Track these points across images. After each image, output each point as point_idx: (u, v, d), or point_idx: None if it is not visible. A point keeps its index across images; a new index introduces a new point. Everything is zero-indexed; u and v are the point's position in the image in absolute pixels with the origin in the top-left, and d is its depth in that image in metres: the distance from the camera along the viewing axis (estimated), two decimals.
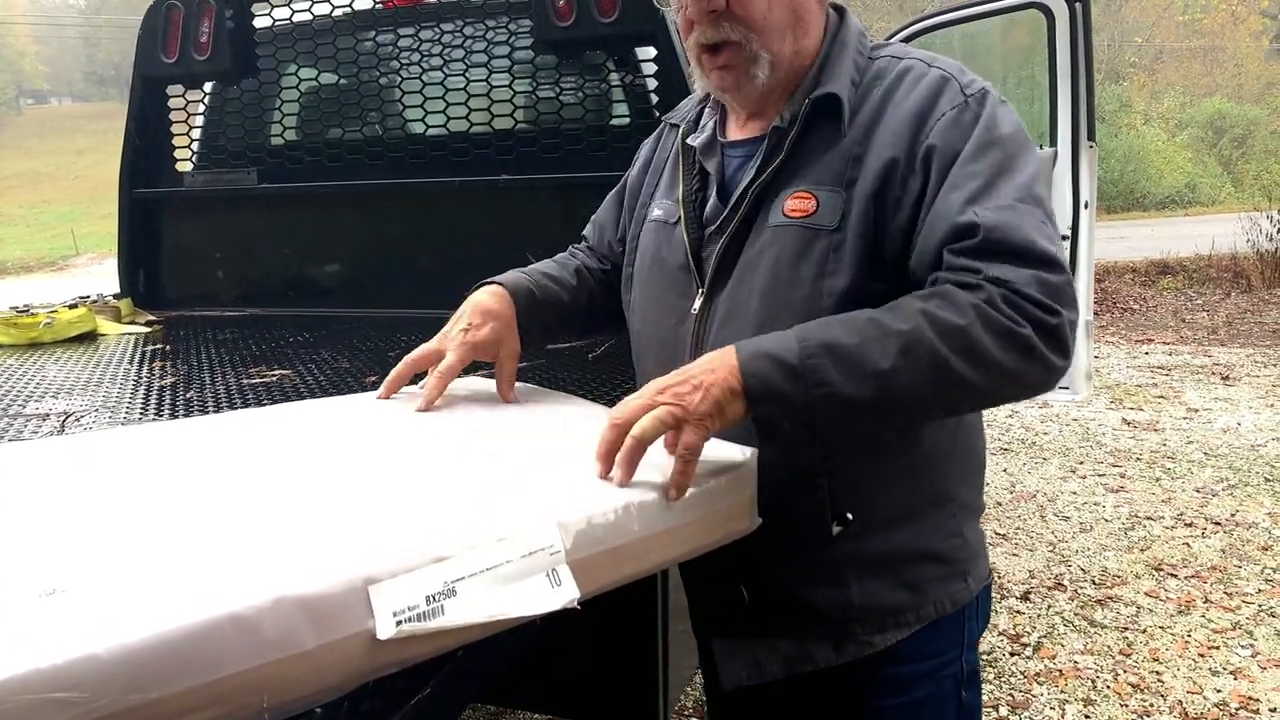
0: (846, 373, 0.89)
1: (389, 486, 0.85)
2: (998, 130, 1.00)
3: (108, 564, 0.64)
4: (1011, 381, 0.92)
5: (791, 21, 1.06)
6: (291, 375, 1.72)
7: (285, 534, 0.71)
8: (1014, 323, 0.89)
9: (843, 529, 1.05)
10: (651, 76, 2.27)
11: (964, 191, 0.96)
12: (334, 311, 2.56)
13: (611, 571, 0.80)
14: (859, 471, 1.05)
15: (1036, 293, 0.90)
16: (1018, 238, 0.92)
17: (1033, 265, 0.91)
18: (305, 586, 0.60)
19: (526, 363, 1.75)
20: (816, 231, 1.02)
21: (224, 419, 1.17)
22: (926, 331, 0.89)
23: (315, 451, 0.99)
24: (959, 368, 0.89)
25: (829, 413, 0.90)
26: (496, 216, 2.47)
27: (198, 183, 2.70)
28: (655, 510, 0.84)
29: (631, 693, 1.60)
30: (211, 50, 2.55)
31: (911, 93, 1.03)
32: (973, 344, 0.89)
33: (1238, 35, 26.14)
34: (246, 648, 0.57)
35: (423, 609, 0.64)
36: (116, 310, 2.50)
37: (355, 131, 2.60)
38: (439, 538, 0.69)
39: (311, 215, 2.65)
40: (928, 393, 0.91)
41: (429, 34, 2.48)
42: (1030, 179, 0.98)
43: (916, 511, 1.08)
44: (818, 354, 0.90)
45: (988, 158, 0.97)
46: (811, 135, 1.06)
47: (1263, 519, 3.83)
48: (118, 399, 1.57)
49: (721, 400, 0.89)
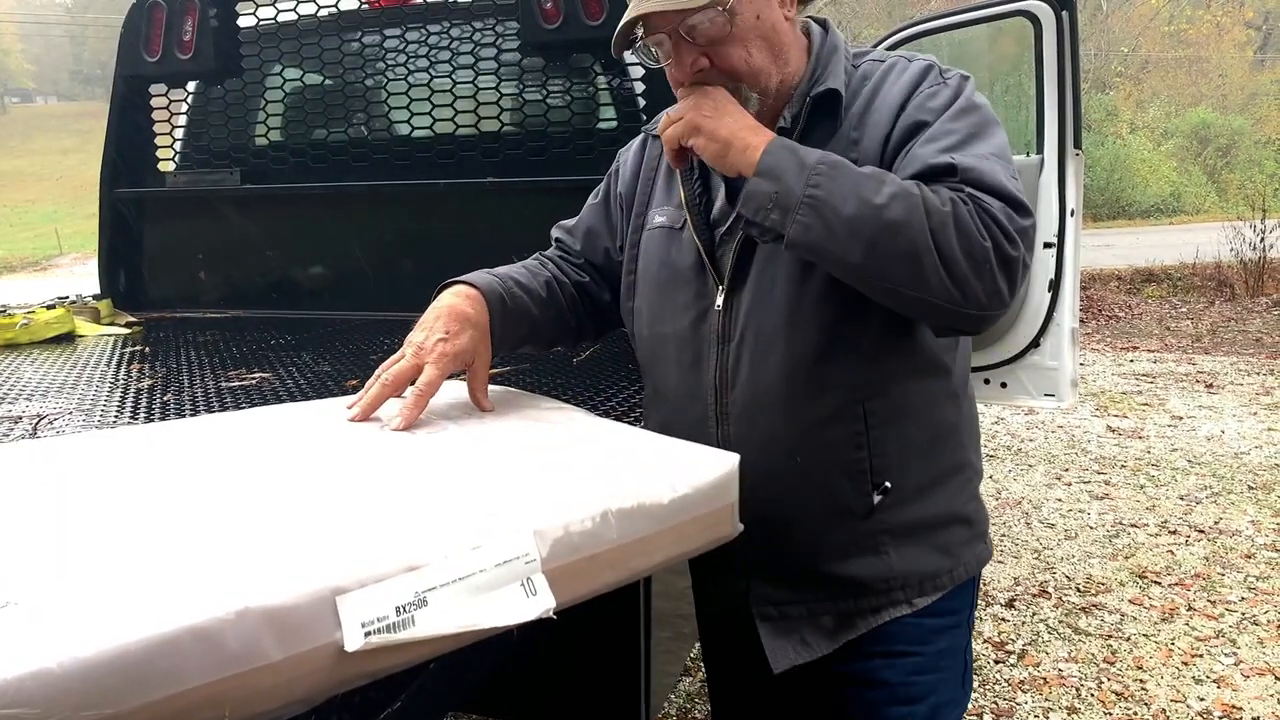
0: (840, 188, 0.98)
1: (360, 493, 0.83)
2: (973, 101, 1.09)
3: (63, 575, 0.62)
4: (955, 285, 0.96)
5: (772, 58, 1.12)
6: (271, 378, 1.70)
7: (251, 542, 0.69)
8: (979, 232, 0.96)
9: (883, 498, 1.12)
10: (638, 80, 2.26)
11: (941, 143, 1.03)
12: (317, 314, 2.54)
13: (589, 580, 0.79)
14: (892, 443, 1.12)
15: (1005, 220, 0.97)
16: (991, 179, 0.99)
17: (1005, 201, 0.98)
18: (270, 597, 0.58)
19: (510, 367, 1.74)
20: None
21: (191, 424, 1.14)
22: (915, 196, 0.97)
23: (285, 457, 0.96)
24: (923, 238, 0.95)
25: (807, 212, 0.98)
26: (482, 219, 2.45)
27: (180, 183, 2.67)
28: (635, 517, 0.82)
29: (614, 701, 1.58)
30: (195, 49, 2.52)
31: (899, 80, 1.11)
32: (945, 227, 0.95)
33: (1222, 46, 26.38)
34: (208, 661, 0.55)
35: (392, 620, 0.62)
36: (95, 311, 2.46)
37: (340, 133, 2.58)
38: (410, 546, 0.68)
39: (295, 217, 2.63)
40: (892, 246, 0.96)
41: (415, 35, 2.46)
42: (1001, 147, 1.05)
43: (942, 478, 1.17)
44: (829, 163, 1.00)
45: (965, 120, 1.06)
46: (814, 131, 1.11)
47: (1246, 526, 3.84)
48: (93, 402, 1.55)
49: (736, 146, 1.04)
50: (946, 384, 1.16)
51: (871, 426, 1.11)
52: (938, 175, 1.01)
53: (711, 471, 0.91)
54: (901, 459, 1.13)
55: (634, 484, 0.84)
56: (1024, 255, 0.98)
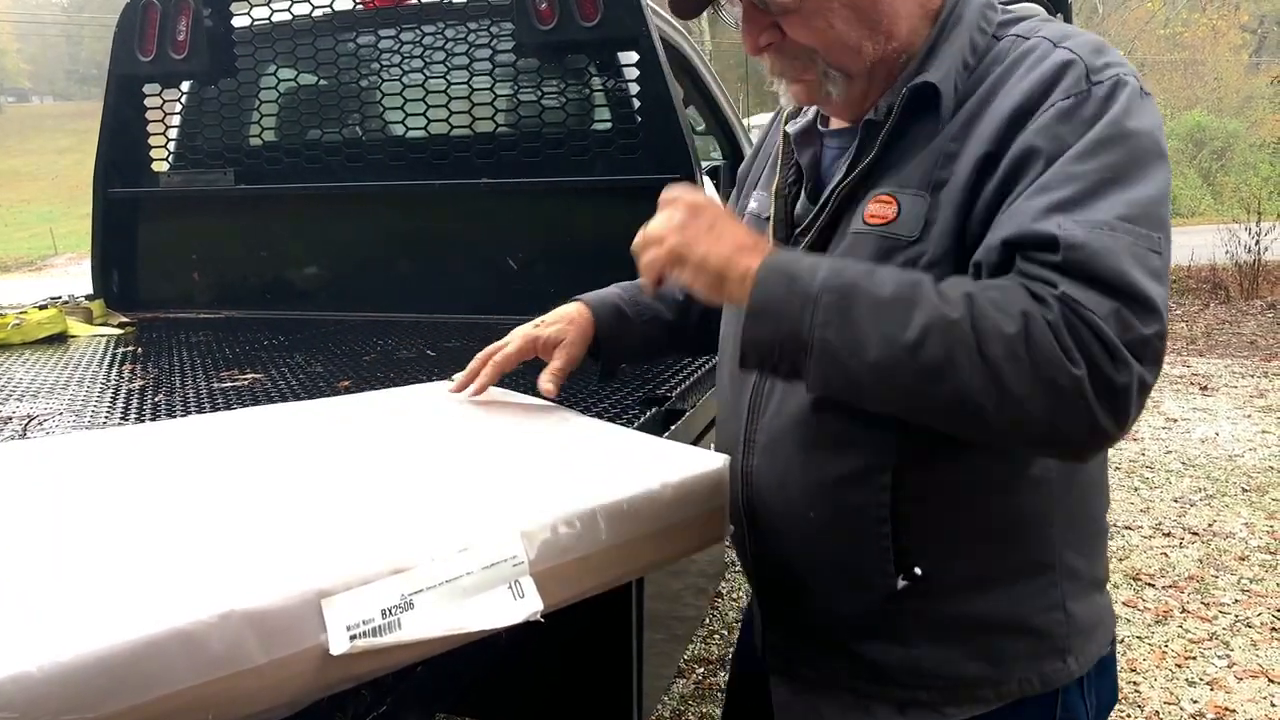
0: (857, 327, 0.78)
1: (346, 495, 0.82)
2: (1124, 126, 0.80)
3: (44, 577, 0.62)
4: (1033, 424, 0.75)
5: (865, 29, 0.91)
6: (263, 379, 1.69)
7: (236, 545, 0.68)
8: (1068, 356, 0.72)
9: (909, 584, 0.92)
10: (633, 81, 2.26)
11: (1055, 195, 0.78)
12: (311, 315, 2.53)
13: (578, 583, 0.78)
14: (933, 524, 0.91)
15: (1110, 331, 0.72)
16: (1106, 264, 0.74)
17: (1117, 298, 0.73)
18: (254, 600, 0.58)
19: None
20: (894, 242, 0.87)
21: (179, 424, 1.13)
22: (961, 323, 0.75)
23: (271, 459, 0.96)
24: (977, 379, 0.74)
25: (823, 361, 0.79)
26: (476, 220, 2.45)
27: (174, 183, 2.66)
28: (624, 519, 0.81)
29: (606, 703, 1.58)
30: (189, 49, 2.51)
31: (1026, 78, 0.85)
32: (1011, 358, 0.73)
33: (1218, 49, 26.46)
34: (190, 665, 0.54)
35: (378, 623, 0.62)
36: (88, 311, 2.46)
37: (334, 133, 2.57)
38: (396, 549, 0.67)
39: (289, 217, 2.62)
40: (936, 394, 0.77)
41: (410, 36, 2.46)
42: (1151, 196, 0.78)
43: (1004, 578, 0.93)
44: (838, 289, 0.79)
45: (1100, 158, 0.79)
46: (910, 130, 0.91)
47: (1240, 529, 3.85)
48: (84, 402, 1.54)
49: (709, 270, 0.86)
50: (1025, 466, 0.91)
51: (900, 501, 0.90)
52: (1036, 248, 0.77)
53: (700, 473, 0.90)
54: (942, 546, 0.92)
55: (623, 486, 0.83)
56: (1140, 376, 0.73)
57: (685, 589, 1.95)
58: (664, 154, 2.19)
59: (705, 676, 2.77)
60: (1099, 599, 0.99)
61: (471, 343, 2.06)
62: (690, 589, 2.09)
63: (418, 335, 2.17)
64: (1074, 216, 0.76)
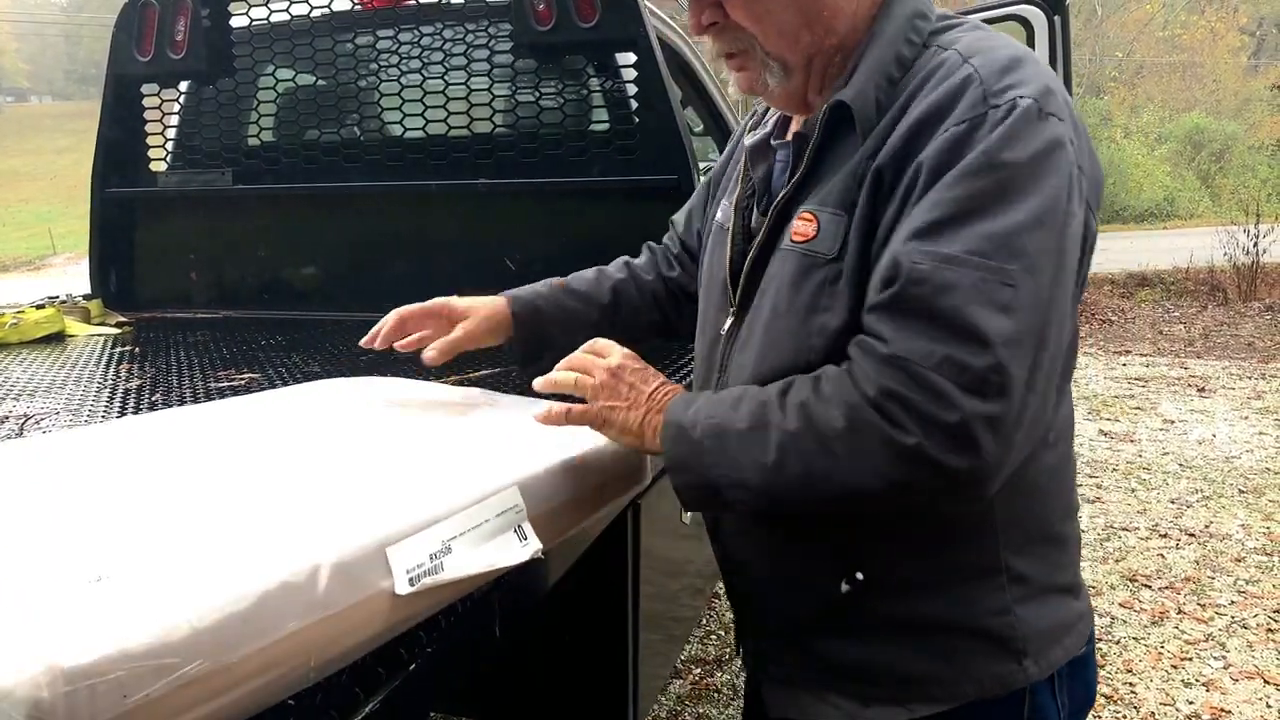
0: (735, 459, 0.85)
1: (378, 462, 0.94)
2: (1005, 154, 0.78)
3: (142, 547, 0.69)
4: (907, 493, 0.78)
5: (800, 19, 0.91)
6: (260, 379, 1.69)
7: (302, 509, 0.78)
8: (898, 427, 0.75)
9: (851, 589, 0.94)
10: (631, 82, 2.26)
11: (916, 223, 0.79)
12: (309, 315, 2.54)
13: (560, 525, 0.94)
14: (871, 531, 0.93)
15: (939, 379, 0.73)
16: (942, 303, 0.74)
17: (948, 342, 0.74)
18: (335, 553, 0.67)
19: (499, 368, 1.73)
20: (813, 260, 0.89)
21: (218, 406, 1.25)
22: (803, 434, 0.80)
23: (293, 438, 1.05)
24: (839, 475, 0.79)
25: (730, 492, 0.86)
26: (474, 221, 2.45)
27: (172, 183, 2.66)
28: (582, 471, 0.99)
29: (601, 703, 1.58)
30: (187, 49, 2.51)
31: (928, 96, 0.84)
32: (849, 453, 0.78)
33: (1216, 51, 26.50)
34: (294, 610, 0.63)
35: (427, 566, 0.73)
36: (86, 311, 2.46)
37: (332, 134, 2.57)
38: (432, 503, 0.79)
39: (287, 217, 2.63)
40: (811, 497, 0.82)
41: (408, 36, 2.46)
42: (1012, 227, 0.76)
43: (949, 581, 0.93)
44: (711, 435, 0.87)
45: (968, 185, 0.77)
46: (835, 145, 0.91)
47: (1236, 530, 3.86)
48: (81, 401, 1.54)
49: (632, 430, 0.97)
50: None
51: (841, 512, 0.92)
52: (885, 283, 0.80)
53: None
54: (883, 549, 0.93)
55: (577, 444, 1.01)
56: (979, 412, 0.73)
57: (682, 589, 1.96)
58: (662, 155, 2.19)
59: (702, 677, 2.77)
60: (1060, 604, 0.98)
61: None
62: (687, 589, 2.09)
63: None
64: (924, 247, 0.77)
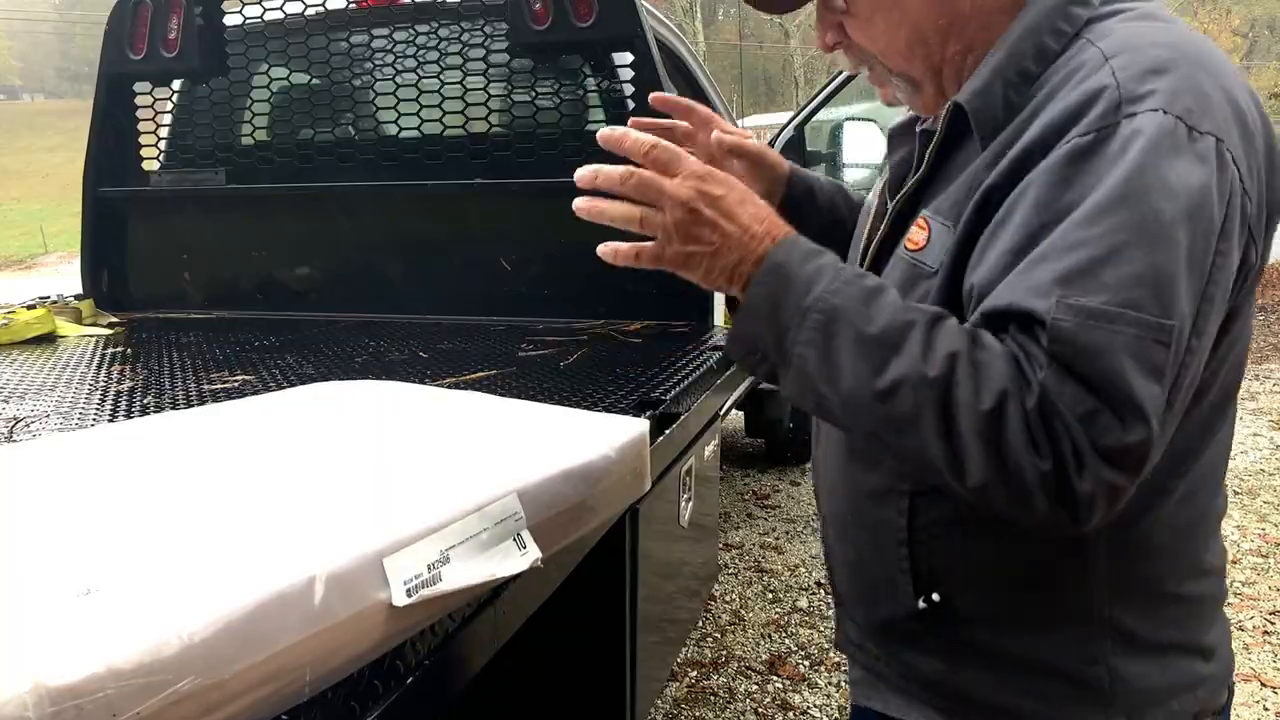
0: (835, 355, 0.74)
1: (374, 469, 0.91)
2: (1143, 180, 0.68)
3: (130, 560, 0.67)
4: (984, 500, 0.71)
5: (916, 36, 0.86)
6: (254, 380, 1.68)
7: (298, 518, 0.76)
8: (1036, 449, 0.67)
9: (928, 607, 0.88)
10: (628, 82, 2.25)
11: (1051, 267, 0.68)
12: (303, 315, 2.52)
13: (559, 534, 0.91)
14: (949, 557, 0.87)
15: (1082, 434, 0.66)
16: (1094, 366, 0.66)
17: (1099, 399, 0.66)
18: (331, 563, 0.66)
19: (497, 370, 1.72)
20: (919, 271, 0.82)
21: (210, 411, 1.22)
22: (939, 382, 0.70)
23: (286, 444, 1.03)
24: (938, 445, 0.70)
25: (797, 376, 0.77)
26: (469, 220, 2.44)
27: (164, 182, 2.64)
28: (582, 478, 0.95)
29: (599, 708, 1.57)
30: (180, 48, 2.50)
31: (1061, 101, 0.74)
32: (973, 435, 0.69)
33: None
34: (291, 623, 0.61)
35: (425, 577, 0.71)
36: (77, 311, 2.44)
37: (327, 133, 2.56)
38: (429, 512, 0.77)
39: (281, 217, 2.61)
40: (895, 439, 0.74)
41: (403, 35, 2.45)
42: (1164, 274, 0.67)
43: (1038, 622, 0.86)
44: (825, 312, 0.75)
45: (1112, 219, 0.68)
46: (960, 146, 0.84)
47: (1231, 531, 3.86)
48: (72, 403, 1.52)
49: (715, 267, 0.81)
50: None
51: (918, 528, 0.87)
52: (1023, 329, 0.69)
53: (628, 435, 1.04)
54: (961, 579, 0.87)
55: (579, 452, 0.97)
56: (1110, 484, 0.67)
57: (679, 592, 1.95)
58: None
59: (699, 680, 2.76)
60: (1177, 664, 0.88)
61: (464, 344, 2.05)
62: (684, 592, 2.08)
63: (410, 337, 2.16)
64: (1068, 299, 0.67)
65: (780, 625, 3.04)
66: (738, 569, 3.50)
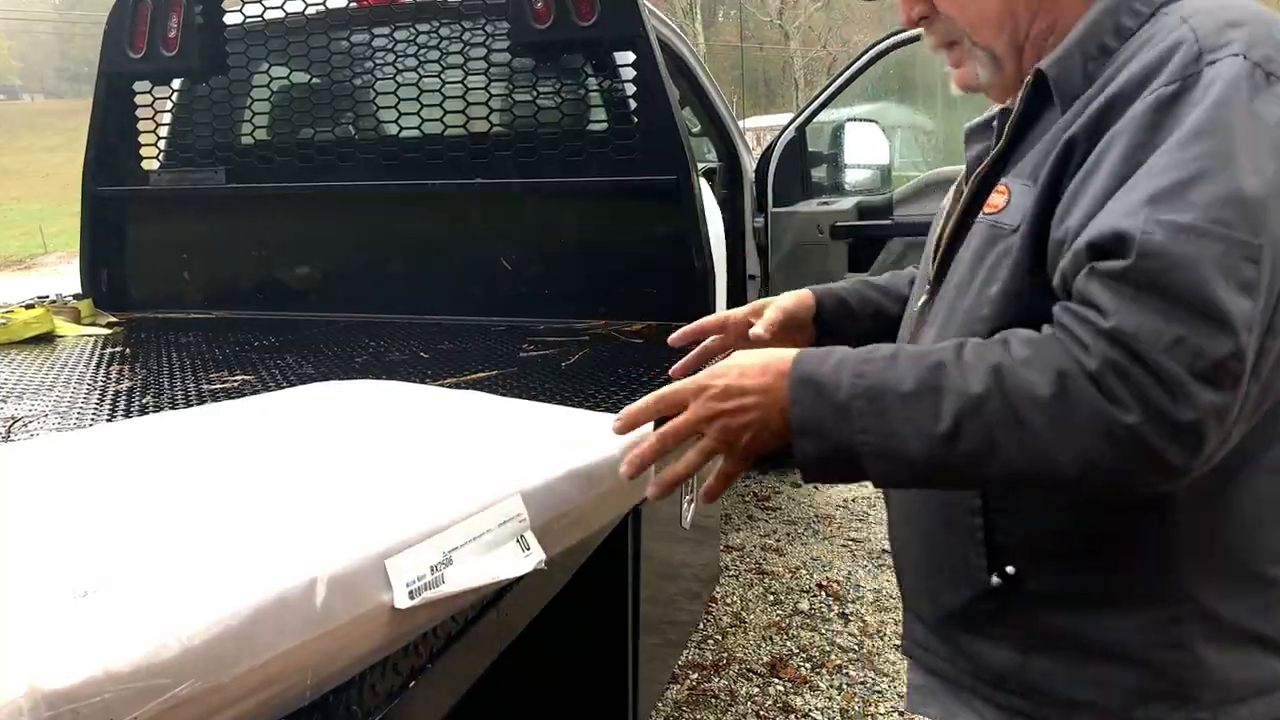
0: (893, 426, 0.75)
1: (378, 471, 0.91)
2: (1229, 112, 0.70)
3: (130, 560, 0.66)
4: (1098, 476, 0.70)
5: (1006, 7, 0.88)
6: (253, 380, 1.67)
7: (301, 520, 0.75)
8: (1117, 404, 0.67)
9: (1004, 583, 0.87)
10: (630, 81, 2.24)
11: (1146, 189, 0.70)
12: (303, 315, 2.51)
13: (565, 536, 0.91)
14: (1025, 527, 0.86)
15: (1171, 363, 0.65)
16: (1182, 278, 0.66)
17: (1183, 322, 0.66)
18: (332, 566, 0.65)
19: (498, 370, 1.71)
20: (998, 231, 0.85)
21: (210, 410, 1.23)
22: (991, 398, 0.71)
23: (284, 446, 1.02)
24: (1024, 452, 0.70)
25: (874, 462, 0.77)
26: (470, 220, 2.43)
27: (164, 181, 2.63)
28: (587, 479, 0.94)
29: (601, 710, 1.56)
30: (180, 46, 2.49)
31: (1136, 62, 0.78)
32: (1048, 425, 0.69)
33: None
34: (292, 625, 0.61)
35: (429, 578, 0.71)
36: (76, 311, 2.43)
37: (327, 132, 2.55)
38: (432, 514, 0.77)
39: (281, 217, 2.60)
40: (979, 473, 0.75)
41: (404, 34, 2.44)
42: (1254, 194, 0.68)
43: (1115, 600, 0.84)
44: (864, 395, 0.77)
45: (1198, 146, 0.69)
46: (1039, 118, 0.88)
47: None
48: (70, 403, 1.52)
49: (772, 429, 0.82)
50: None
51: (993, 495, 0.87)
52: (1105, 252, 0.70)
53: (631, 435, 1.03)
54: (1035, 551, 0.86)
55: (581, 452, 0.97)
56: (1212, 405, 0.66)
57: (681, 594, 1.94)
58: (661, 155, 2.17)
59: (699, 682, 2.75)
60: (1260, 660, 0.84)
61: (464, 345, 2.04)
62: (686, 594, 2.07)
63: (410, 337, 2.15)
64: (1159, 214, 0.68)
65: (781, 628, 3.03)
66: (738, 571, 3.49)
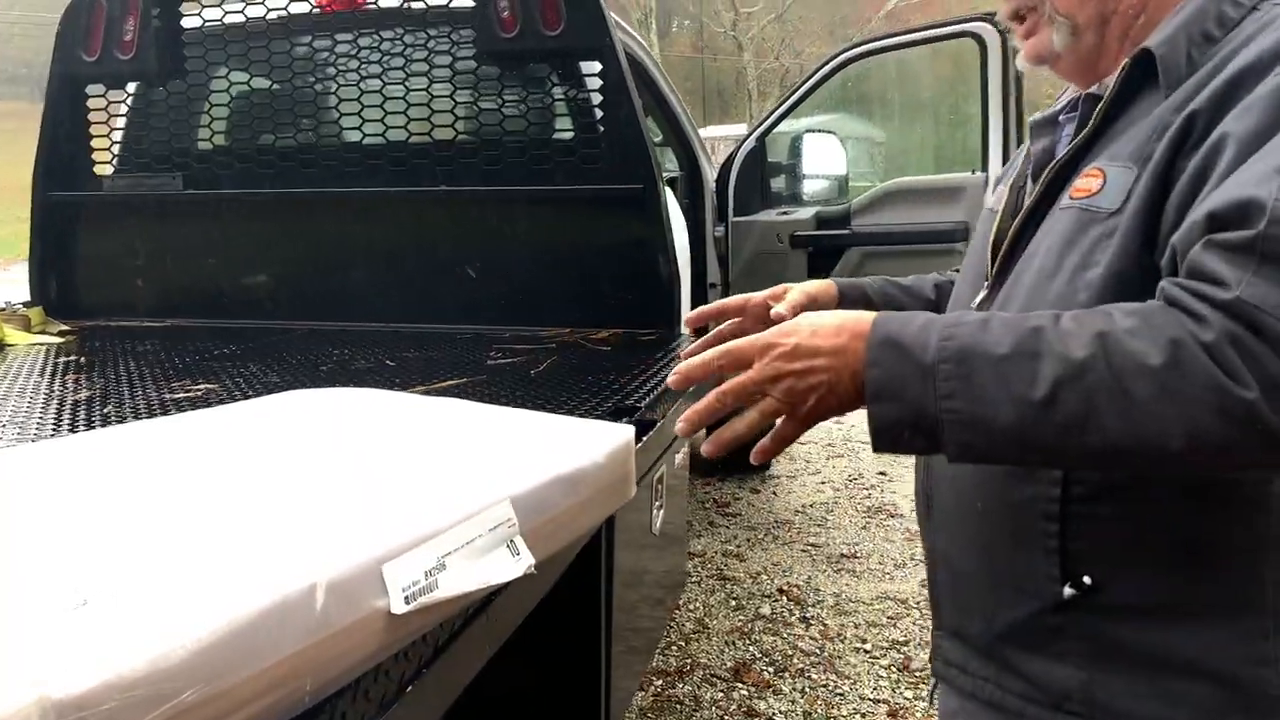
0: (982, 391, 0.71)
1: (366, 477, 0.90)
2: None
3: (123, 569, 0.65)
4: (1205, 454, 0.66)
5: None
6: (218, 389, 1.64)
7: (296, 525, 0.75)
8: (1234, 378, 0.64)
9: (1077, 595, 0.82)
10: (596, 91, 2.26)
11: (1271, 160, 0.68)
12: (261, 323, 2.47)
13: (551, 541, 0.91)
14: (1106, 532, 0.81)
15: None
16: None
17: None
18: (330, 571, 0.65)
19: (467, 378, 1.71)
20: (1093, 215, 0.81)
21: (197, 417, 1.20)
22: (1095, 364, 0.67)
23: (272, 452, 1.01)
24: (1125, 423, 0.66)
25: (955, 431, 0.72)
26: (434, 228, 2.42)
27: (118, 187, 2.58)
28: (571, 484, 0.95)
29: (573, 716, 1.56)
30: (136, 50, 2.44)
31: (1259, 44, 0.76)
32: (1157, 396, 0.65)
33: None
34: (292, 631, 0.60)
35: (423, 584, 0.71)
36: (26, 319, 2.36)
37: (288, 138, 2.52)
38: (424, 519, 0.76)
39: (239, 223, 2.56)
40: (1073, 446, 0.70)
41: (368, 41, 2.42)
42: None
43: (1200, 610, 0.79)
44: (953, 358, 0.72)
45: None
46: (1133, 102, 0.85)
47: None
48: (25, 413, 1.48)
49: (840, 393, 0.77)
50: (1224, 489, 0.79)
51: (1071, 499, 0.81)
52: (1230, 221, 0.68)
53: (614, 442, 1.05)
54: (1115, 558, 0.81)
55: (566, 457, 0.97)
56: None
57: (651, 600, 1.95)
58: (626, 164, 2.19)
59: (664, 688, 2.76)
60: None
61: (430, 353, 2.03)
62: (654, 600, 2.08)
63: (375, 345, 2.13)
64: None
65: (744, 632, 3.06)
66: (700, 577, 3.51)
